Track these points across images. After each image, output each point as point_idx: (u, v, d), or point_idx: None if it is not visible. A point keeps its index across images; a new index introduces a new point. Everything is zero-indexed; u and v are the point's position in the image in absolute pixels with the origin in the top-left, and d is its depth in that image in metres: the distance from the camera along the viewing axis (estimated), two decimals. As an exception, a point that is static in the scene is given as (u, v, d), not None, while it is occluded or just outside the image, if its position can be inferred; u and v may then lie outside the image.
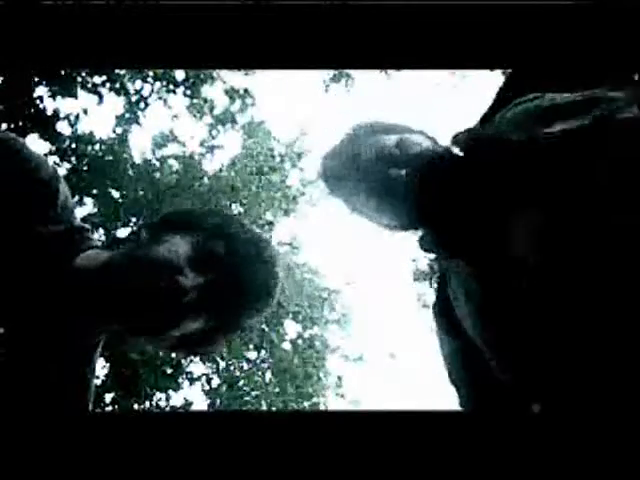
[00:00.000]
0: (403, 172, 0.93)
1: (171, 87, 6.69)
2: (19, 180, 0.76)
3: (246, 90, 7.28)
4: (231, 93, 7.26)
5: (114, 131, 6.70)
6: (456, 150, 1.01)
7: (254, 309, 0.81)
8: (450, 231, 0.96)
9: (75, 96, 5.80)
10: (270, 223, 8.09)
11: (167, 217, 0.85)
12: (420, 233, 1.03)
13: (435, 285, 1.04)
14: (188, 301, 0.73)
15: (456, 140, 0.99)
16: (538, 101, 0.96)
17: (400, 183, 0.93)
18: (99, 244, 0.83)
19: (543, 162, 0.85)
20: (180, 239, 0.77)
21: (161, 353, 7.04)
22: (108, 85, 6.26)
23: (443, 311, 0.97)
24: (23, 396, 0.75)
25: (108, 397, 6.91)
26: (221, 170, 7.88)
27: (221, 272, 0.76)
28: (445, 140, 1.04)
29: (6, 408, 0.73)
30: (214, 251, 0.77)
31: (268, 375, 8.03)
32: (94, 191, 6.76)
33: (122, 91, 6.43)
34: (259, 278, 0.78)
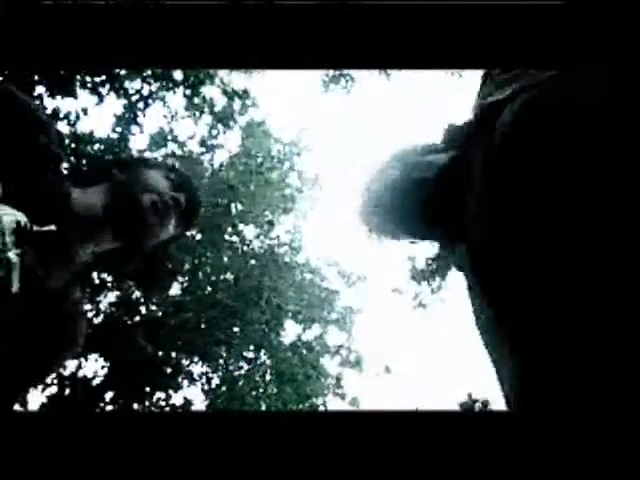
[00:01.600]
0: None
1: (170, 87, 6.68)
2: (28, 124, 0.96)
3: (245, 91, 7.27)
4: (230, 94, 7.25)
5: (114, 131, 6.69)
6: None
7: (197, 216, 1.21)
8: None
9: (75, 96, 5.80)
10: (270, 222, 8.09)
11: (126, 160, 1.13)
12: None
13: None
14: (174, 211, 1.08)
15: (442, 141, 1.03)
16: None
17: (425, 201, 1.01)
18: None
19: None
20: (153, 173, 1.10)
21: (160, 353, 7.04)
22: (108, 85, 6.25)
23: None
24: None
25: (108, 397, 6.92)
26: (220, 169, 7.88)
27: (183, 193, 1.11)
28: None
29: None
30: (175, 179, 1.11)
31: (267, 375, 8.03)
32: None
33: (122, 91, 6.42)
34: (197, 196, 1.17)
